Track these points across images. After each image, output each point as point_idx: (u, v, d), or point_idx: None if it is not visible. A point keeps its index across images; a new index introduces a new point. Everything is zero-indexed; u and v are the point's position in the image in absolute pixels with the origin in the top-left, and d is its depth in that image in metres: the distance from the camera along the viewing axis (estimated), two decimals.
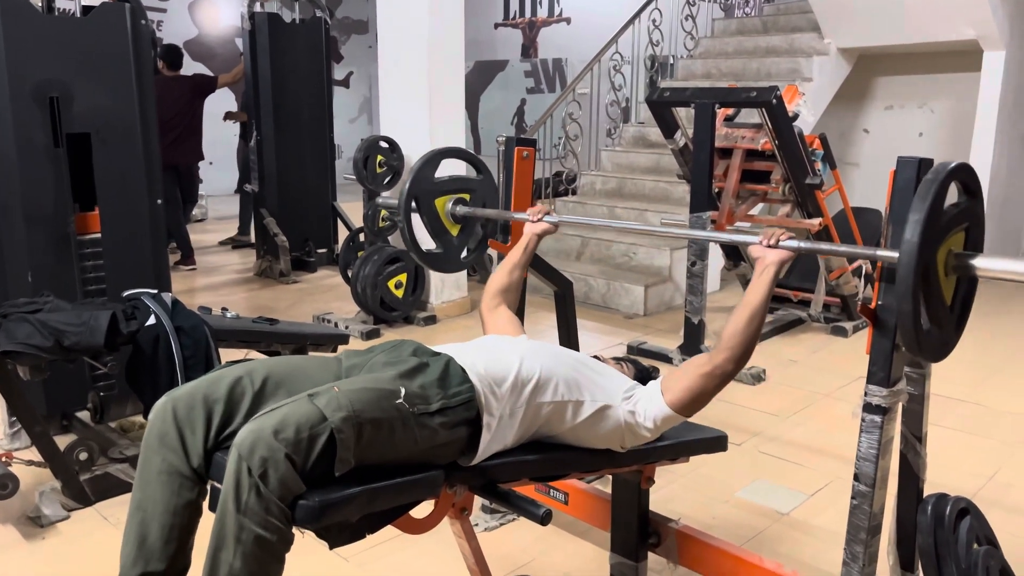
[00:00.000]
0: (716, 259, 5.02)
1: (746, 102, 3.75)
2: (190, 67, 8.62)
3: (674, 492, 2.77)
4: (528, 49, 11.11)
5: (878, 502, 1.75)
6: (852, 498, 1.76)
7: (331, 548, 1.35)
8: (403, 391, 1.41)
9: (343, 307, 4.91)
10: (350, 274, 4.61)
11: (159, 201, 3.33)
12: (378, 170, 4.53)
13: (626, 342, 4.42)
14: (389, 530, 1.50)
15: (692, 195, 3.91)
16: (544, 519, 1.50)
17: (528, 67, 10.89)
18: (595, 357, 2.09)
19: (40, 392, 3.12)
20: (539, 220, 2.25)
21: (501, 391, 1.57)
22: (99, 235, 3.11)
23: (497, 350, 1.69)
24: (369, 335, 4.48)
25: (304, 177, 5.91)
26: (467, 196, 2.68)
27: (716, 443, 2.16)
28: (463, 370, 1.55)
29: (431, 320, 4.78)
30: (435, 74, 4.65)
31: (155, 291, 2.73)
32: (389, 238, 4.70)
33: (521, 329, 2.06)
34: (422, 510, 1.56)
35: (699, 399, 1.70)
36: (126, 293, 2.78)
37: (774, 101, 3.61)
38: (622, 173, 6.26)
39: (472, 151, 4.73)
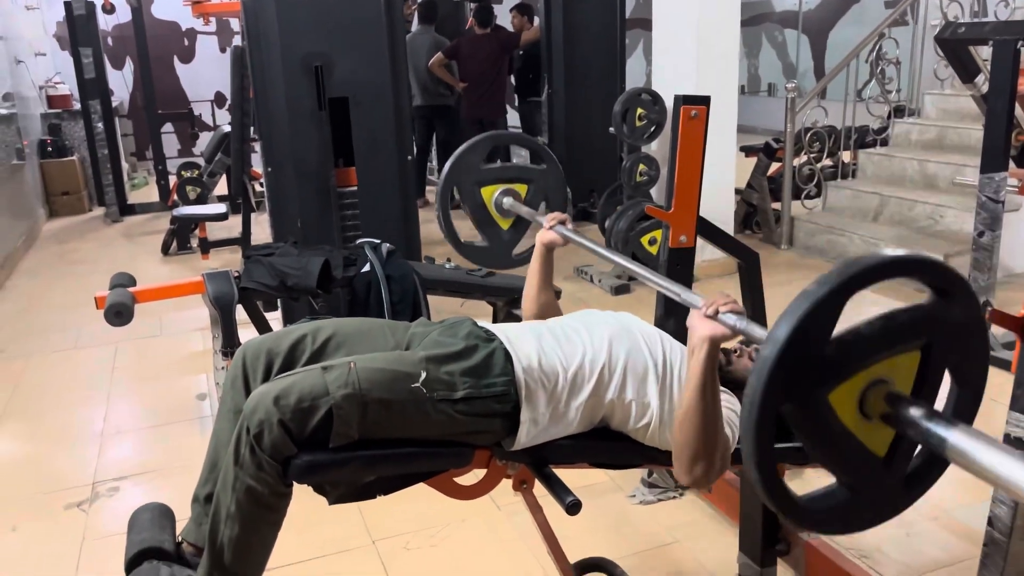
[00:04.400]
0: None
1: None
2: None
3: None
4: None
5: (1017, 556, 1.40)
6: (984, 545, 1.43)
7: (330, 504, 1.45)
8: (423, 375, 1.42)
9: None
10: (606, 227, 4.62)
11: (409, 157, 3.67)
12: (637, 123, 4.44)
13: None
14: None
15: (984, 152, 3.25)
16: (570, 509, 1.44)
17: None
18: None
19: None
20: (551, 228, 1.91)
21: (555, 387, 1.50)
22: (355, 188, 3.52)
23: (565, 339, 1.59)
24: (619, 290, 4.48)
25: (591, 130, 5.98)
26: (522, 188, 2.50)
27: None
28: (508, 360, 1.49)
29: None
30: (706, 20, 4.39)
31: (377, 241, 3.05)
32: (651, 192, 4.62)
33: None
34: (472, 478, 1.59)
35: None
36: (357, 241, 3.15)
37: None
38: (946, 121, 5.37)
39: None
